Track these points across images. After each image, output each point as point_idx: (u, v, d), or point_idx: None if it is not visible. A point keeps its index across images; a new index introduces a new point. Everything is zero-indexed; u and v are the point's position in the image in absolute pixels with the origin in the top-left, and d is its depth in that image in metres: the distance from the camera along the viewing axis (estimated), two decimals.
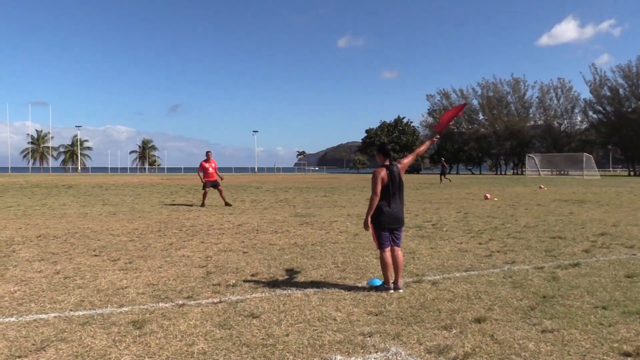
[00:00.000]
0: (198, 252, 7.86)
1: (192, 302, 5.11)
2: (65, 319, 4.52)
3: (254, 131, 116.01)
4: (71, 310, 4.79)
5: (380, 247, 5.60)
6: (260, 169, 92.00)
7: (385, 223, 5.53)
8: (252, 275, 6.32)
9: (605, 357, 3.72)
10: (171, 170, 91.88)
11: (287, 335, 4.14)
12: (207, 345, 3.90)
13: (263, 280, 6.06)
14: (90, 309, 4.84)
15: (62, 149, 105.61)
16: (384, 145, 5.70)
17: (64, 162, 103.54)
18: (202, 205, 15.96)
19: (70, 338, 4.05)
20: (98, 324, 4.41)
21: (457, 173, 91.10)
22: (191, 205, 16.16)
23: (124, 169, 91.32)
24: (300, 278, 6.16)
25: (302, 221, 11.92)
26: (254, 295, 5.37)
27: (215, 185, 16.41)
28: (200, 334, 4.16)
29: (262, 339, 4.05)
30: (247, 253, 7.83)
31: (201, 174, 16.42)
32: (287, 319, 4.55)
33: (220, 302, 5.10)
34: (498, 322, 4.49)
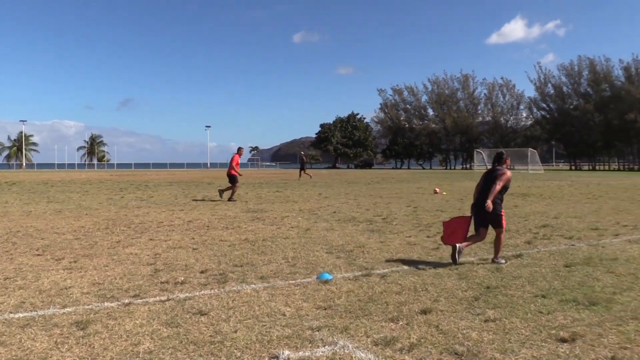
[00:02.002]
0: (146, 250, 7.70)
1: (139, 300, 5.00)
2: (4, 322, 4.35)
3: (206, 126, 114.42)
4: (11, 313, 4.61)
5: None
6: (213, 165, 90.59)
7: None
8: (202, 272, 6.25)
9: (543, 344, 3.88)
10: (121, 166, 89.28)
11: (236, 331, 4.12)
12: (153, 345, 3.84)
13: (212, 276, 6.00)
14: (31, 311, 4.67)
15: (6, 145, 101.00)
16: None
17: (7, 158, 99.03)
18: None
19: (9, 342, 3.89)
20: (39, 325, 4.26)
21: (409, 168, 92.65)
22: (142, 201, 15.82)
23: (71, 165, 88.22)
24: (250, 274, 6.14)
25: (254, 217, 11.86)
26: (202, 292, 5.32)
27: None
28: (147, 333, 4.09)
29: (210, 336, 4.02)
30: (197, 250, 7.73)
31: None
32: (235, 316, 4.53)
33: (168, 300, 5.02)
34: (443, 313, 4.61)
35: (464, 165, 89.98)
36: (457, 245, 6.63)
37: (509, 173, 6.86)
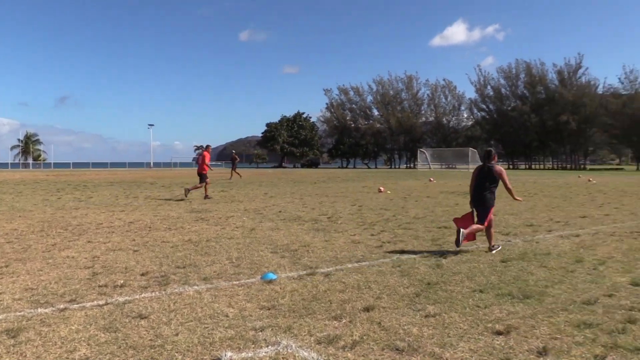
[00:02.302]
0: (84, 253, 7.43)
1: (75, 305, 4.82)
2: None
3: (149, 125, 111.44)
4: None
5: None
6: (157, 164, 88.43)
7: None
8: (142, 274, 6.09)
9: (480, 337, 4.01)
10: (59, 165, 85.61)
11: (177, 334, 4.04)
12: (90, 351, 3.71)
13: (154, 279, 5.86)
14: None
15: None
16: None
17: None
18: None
19: None
20: None
21: (355, 167, 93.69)
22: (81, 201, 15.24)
23: (4, 165, 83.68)
24: (193, 275, 6.04)
25: (198, 217, 11.68)
26: (143, 295, 5.18)
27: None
28: (83, 339, 3.95)
29: (150, 340, 3.92)
30: (138, 251, 7.53)
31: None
32: (177, 318, 4.44)
33: (107, 304, 4.86)
34: (386, 310, 4.69)
35: (408, 164, 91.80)
36: (462, 230, 7.21)
37: (501, 168, 7.86)
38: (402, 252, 7.52)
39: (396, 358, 3.63)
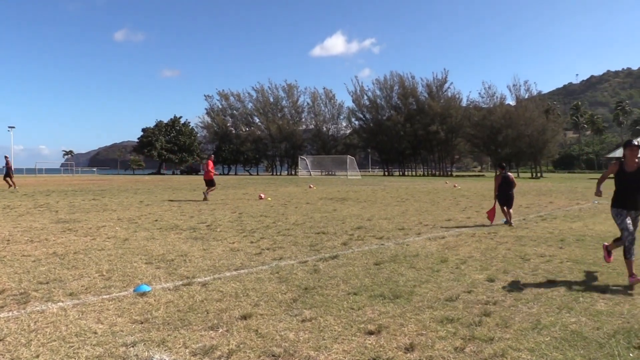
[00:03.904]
0: None
1: None
2: None
3: (9, 127, 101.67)
4: None
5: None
6: (19, 170, 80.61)
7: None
8: None
9: (353, 338, 4.17)
10: None
11: (37, 356, 3.74)
12: None
13: (11, 297, 5.36)
14: None
15: None
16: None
17: None
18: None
19: None
20: None
21: (236, 174, 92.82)
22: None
23: None
24: (57, 291, 5.61)
25: (65, 228, 10.87)
26: None
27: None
28: None
29: None
30: None
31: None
32: (38, 339, 4.10)
33: None
34: (263, 317, 4.70)
35: (290, 171, 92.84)
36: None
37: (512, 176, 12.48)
38: (281, 258, 7.59)
39: None
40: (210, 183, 19.56)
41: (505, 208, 12.10)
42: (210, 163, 19.86)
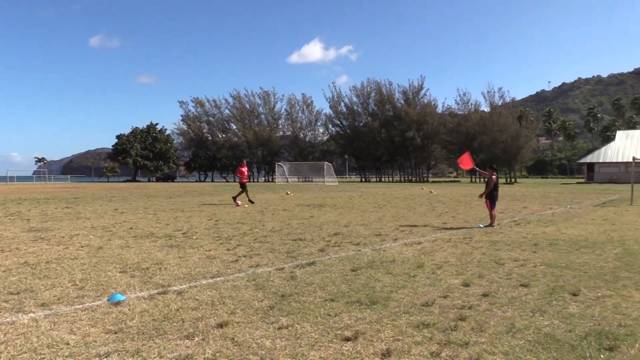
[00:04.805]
0: None
1: None
2: None
3: None
4: None
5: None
6: None
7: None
8: None
9: (330, 344, 4.17)
10: None
11: None
12: None
13: None
14: None
15: None
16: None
17: None
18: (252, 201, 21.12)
19: None
20: None
21: (212, 181, 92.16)
22: None
23: None
24: (28, 302, 5.49)
25: (37, 236, 10.65)
26: None
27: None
28: None
29: None
30: None
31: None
32: (8, 351, 4.01)
33: None
34: (239, 325, 4.67)
35: (267, 178, 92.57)
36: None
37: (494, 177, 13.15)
38: (258, 265, 7.55)
39: None
40: (242, 186, 21.27)
41: (494, 210, 12.94)
42: (241, 168, 22.02)
